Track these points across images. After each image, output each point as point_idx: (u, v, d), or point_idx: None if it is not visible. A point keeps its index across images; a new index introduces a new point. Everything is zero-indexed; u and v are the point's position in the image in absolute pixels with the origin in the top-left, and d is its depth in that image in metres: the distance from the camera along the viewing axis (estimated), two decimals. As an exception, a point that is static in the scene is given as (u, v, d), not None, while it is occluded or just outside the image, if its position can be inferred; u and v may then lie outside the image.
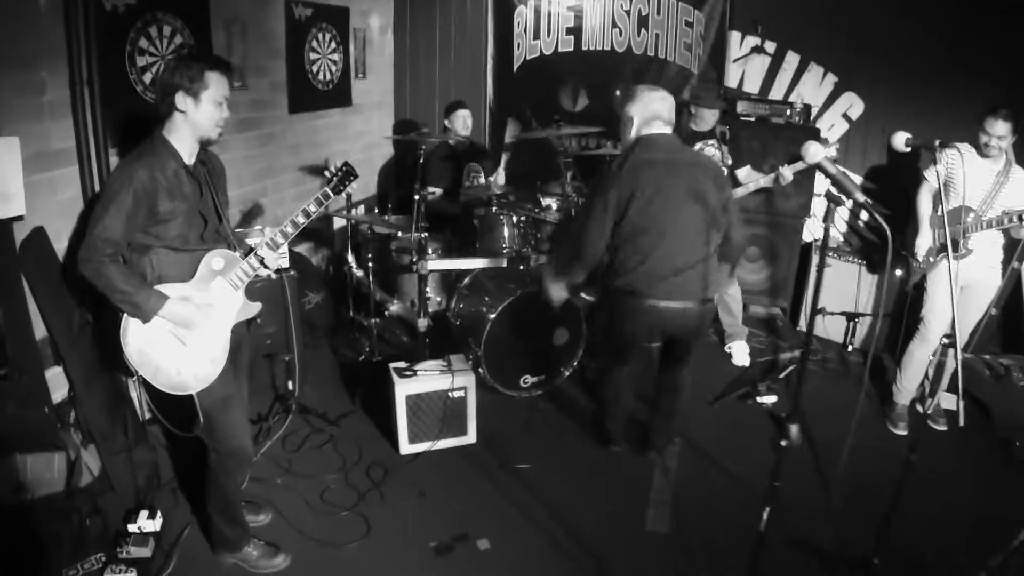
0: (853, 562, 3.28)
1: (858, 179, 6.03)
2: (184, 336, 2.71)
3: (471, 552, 3.31)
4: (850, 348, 5.52)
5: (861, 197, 2.26)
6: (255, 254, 2.82)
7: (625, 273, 3.45)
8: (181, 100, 2.57)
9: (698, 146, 5.00)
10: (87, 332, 3.50)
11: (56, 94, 3.51)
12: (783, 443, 2.39)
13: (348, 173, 3.02)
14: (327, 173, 3.02)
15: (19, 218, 3.27)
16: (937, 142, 2.83)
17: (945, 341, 3.23)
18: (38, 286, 3.37)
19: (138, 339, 2.67)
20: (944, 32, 5.55)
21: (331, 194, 2.95)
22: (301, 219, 2.86)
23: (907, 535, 3.47)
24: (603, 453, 4.12)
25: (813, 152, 2.45)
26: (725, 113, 5.45)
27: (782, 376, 5.08)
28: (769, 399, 4.72)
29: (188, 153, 2.69)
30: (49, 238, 3.48)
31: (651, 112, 3.42)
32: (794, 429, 2.39)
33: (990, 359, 5.03)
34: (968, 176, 4.17)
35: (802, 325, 5.84)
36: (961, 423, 4.52)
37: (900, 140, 2.98)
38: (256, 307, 2.95)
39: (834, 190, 2.31)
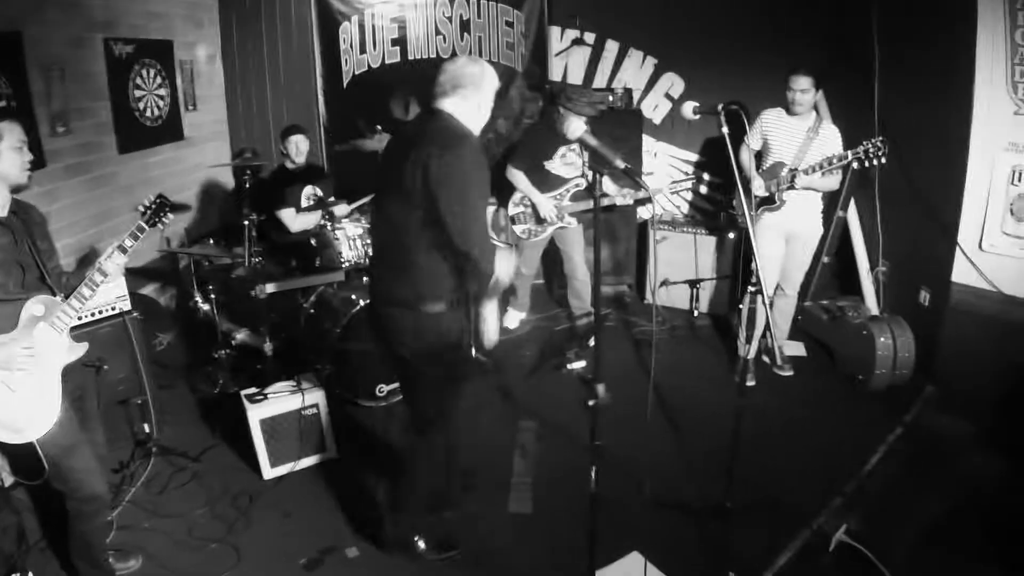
0: (709, 511, 3.61)
1: (691, 155, 6.47)
2: (11, 383, 2.77)
3: (341, 561, 3.47)
4: (696, 313, 5.92)
5: (621, 164, 2.54)
6: (76, 295, 2.89)
7: None
8: None
9: (561, 151, 5.21)
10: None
11: None
12: (591, 403, 2.62)
13: (162, 204, 3.06)
14: (140, 207, 3.05)
15: None
16: (719, 106, 3.17)
17: (751, 289, 3.50)
18: None
19: None
20: (754, 5, 6.04)
21: (145, 227, 3.00)
22: (117, 255, 2.93)
23: (765, 477, 3.84)
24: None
25: (573, 129, 2.74)
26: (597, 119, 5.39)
27: (590, 342, 5.41)
28: (578, 364, 5.08)
29: (1, 205, 2.78)
30: None
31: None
32: (600, 388, 2.61)
33: (828, 303, 5.51)
34: (781, 135, 4.60)
35: (648, 298, 6.23)
36: (779, 363, 5.00)
37: (688, 109, 3.35)
38: (82, 347, 3.01)
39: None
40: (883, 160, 4.21)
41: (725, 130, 3.13)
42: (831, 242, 5.63)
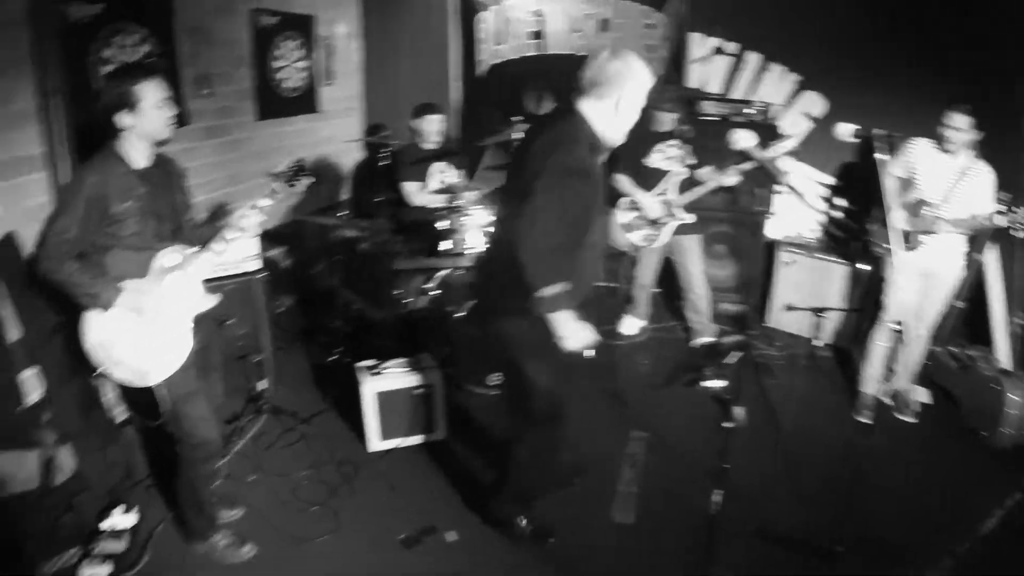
0: (817, 551, 3.46)
1: (827, 178, 6.27)
2: (142, 329, 2.88)
3: (439, 544, 3.48)
4: (818, 343, 5.72)
5: (787, 183, 2.47)
6: (208, 249, 2.99)
7: None
8: (124, 118, 2.75)
9: (659, 147, 5.19)
10: (59, 334, 3.64)
11: (24, 103, 3.70)
12: (728, 425, 2.54)
13: (299, 169, 3.15)
14: (278, 169, 3.15)
15: (-9, 224, 3.42)
16: (877, 131, 3.06)
17: (895, 327, 3.37)
18: (12, 289, 3.50)
19: (98, 334, 2.85)
20: (905, 29, 5.78)
21: (281, 189, 3.11)
22: (252, 214, 3.03)
23: (874, 523, 3.67)
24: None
25: (737, 139, 2.67)
26: (689, 115, 5.52)
27: (727, 361, 5.24)
28: (715, 383, 4.93)
29: (142, 157, 2.87)
30: (18, 245, 3.65)
31: None
32: (739, 411, 2.54)
33: (957, 351, 5.24)
34: (928, 170, 4.39)
35: (770, 321, 6.06)
36: (909, 407, 4.76)
37: (845, 131, 3.24)
38: (213, 299, 3.12)
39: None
40: None
41: (881, 156, 3.02)
42: (967, 286, 5.35)
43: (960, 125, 4.22)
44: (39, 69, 3.76)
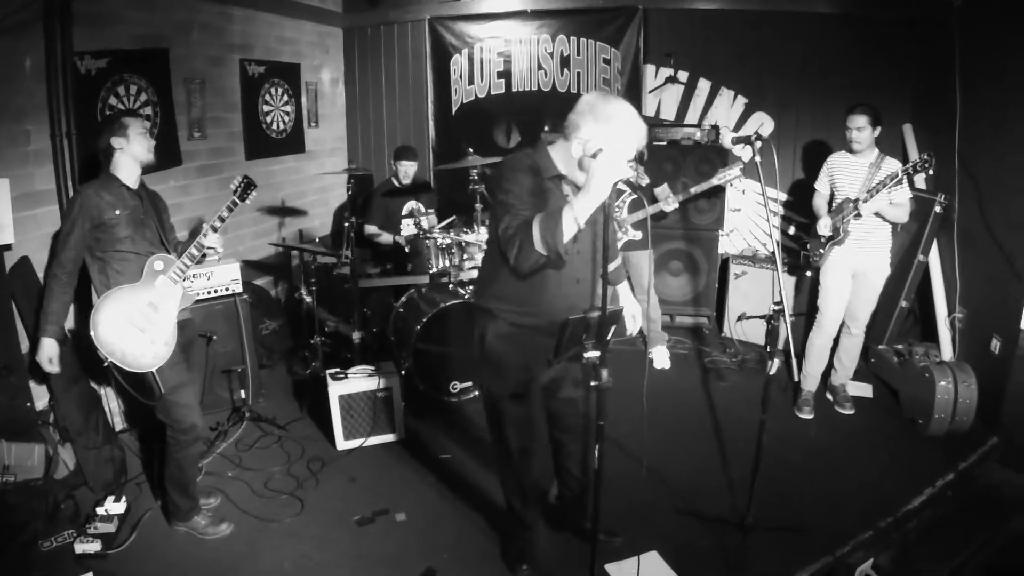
0: (732, 524, 3.86)
1: (779, 194, 6.80)
2: (138, 323, 3.51)
3: (389, 522, 4.02)
4: (769, 348, 6.15)
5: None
6: (187, 255, 3.63)
7: None
8: (116, 141, 3.54)
9: None
10: (66, 344, 4.26)
11: (39, 144, 4.37)
12: (594, 384, 3.01)
13: (248, 184, 3.79)
14: (232, 186, 3.77)
15: (8, 247, 4.11)
16: (753, 134, 3.57)
17: (774, 307, 3.68)
18: (23, 306, 4.20)
19: (105, 327, 3.46)
20: (843, 49, 6.45)
21: (238, 201, 3.74)
22: (216, 223, 3.65)
23: (799, 502, 4.08)
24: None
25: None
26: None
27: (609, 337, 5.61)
28: (593, 354, 5.38)
29: (132, 179, 3.63)
30: (33, 266, 4.31)
31: None
32: (605, 372, 3.00)
33: (901, 347, 5.57)
34: (845, 174, 4.90)
35: (726, 331, 6.58)
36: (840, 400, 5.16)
37: (727, 139, 3.75)
38: (193, 296, 3.80)
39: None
40: (930, 171, 4.50)
41: (757, 159, 3.50)
42: (911, 286, 5.74)
43: (860, 124, 4.73)
44: (53, 115, 4.42)
